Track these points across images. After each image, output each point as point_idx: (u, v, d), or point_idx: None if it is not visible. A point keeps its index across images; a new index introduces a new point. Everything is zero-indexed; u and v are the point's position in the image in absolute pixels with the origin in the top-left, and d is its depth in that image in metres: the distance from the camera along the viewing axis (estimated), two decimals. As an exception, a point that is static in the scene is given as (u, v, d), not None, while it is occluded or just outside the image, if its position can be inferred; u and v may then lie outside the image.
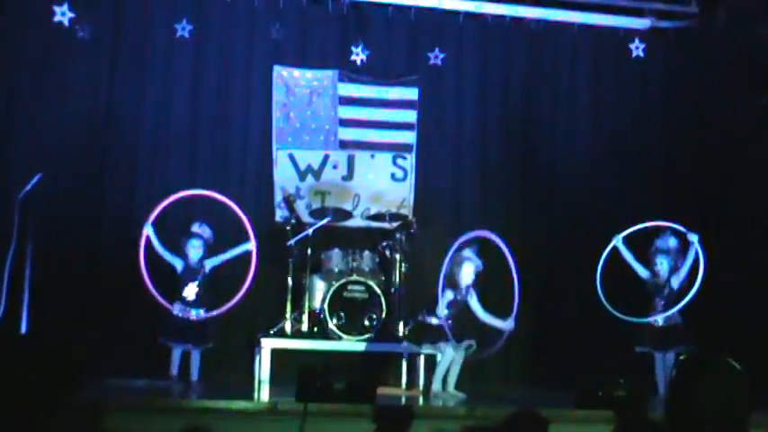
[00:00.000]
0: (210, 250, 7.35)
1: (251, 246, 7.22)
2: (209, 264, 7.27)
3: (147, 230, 7.04)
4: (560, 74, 9.10)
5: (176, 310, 7.13)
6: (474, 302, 7.04)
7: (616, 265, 7.43)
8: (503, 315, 7.01)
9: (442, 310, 6.93)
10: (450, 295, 6.97)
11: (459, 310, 7.06)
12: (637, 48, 9.13)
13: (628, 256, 7.35)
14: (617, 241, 7.34)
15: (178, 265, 7.21)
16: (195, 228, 7.40)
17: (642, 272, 7.36)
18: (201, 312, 7.19)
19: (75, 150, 8.17)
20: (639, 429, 3.09)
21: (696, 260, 7.18)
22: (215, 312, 7.19)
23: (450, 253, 7.10)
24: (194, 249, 7.21)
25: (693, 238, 7.24)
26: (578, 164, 8.98)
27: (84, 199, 8.17)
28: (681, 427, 2.35)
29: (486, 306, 7.10)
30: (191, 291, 7.16)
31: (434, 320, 7.06)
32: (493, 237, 7.17)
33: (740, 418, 2.35)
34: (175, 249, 7.26)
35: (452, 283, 7.02)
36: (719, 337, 6.96)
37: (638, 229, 7.40)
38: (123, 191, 8.25)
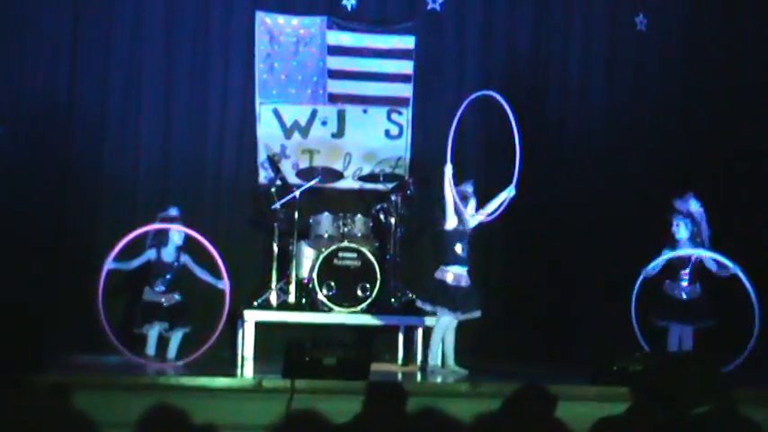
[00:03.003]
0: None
1: (224, 285, 7.12)
2: (185, 260, 7.29)
3: (110, 267, 6.98)
4: (573, 17, 8.99)
5: (147, 294, 7.22)
6: (472, 209, 7.14)
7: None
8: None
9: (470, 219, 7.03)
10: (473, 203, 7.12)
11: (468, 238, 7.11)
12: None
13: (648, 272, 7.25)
14: (644, 274, 7.20)
15: (151, 257, 7.25)
16: (173, 212, 7.39)
17: (660, 263, 7.26)
18: (175, 296, 7.27)
19: (38, 104, 8.11)
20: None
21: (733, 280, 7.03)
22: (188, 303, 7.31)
23: (457, 116, 7.21)
24: (179, 234, 7.24)
25: (736, 270, 7.05)
26: (593, 118, 8.90)
27: (49, 160, 8.12)
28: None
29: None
30: (162, 284, 7.22)
31: (450, 277, 7.02)
32: (497, 96, 7.19)
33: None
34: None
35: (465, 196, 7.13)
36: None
37: (669, 259, 7.21)
38: (91, 153, 8.20)
